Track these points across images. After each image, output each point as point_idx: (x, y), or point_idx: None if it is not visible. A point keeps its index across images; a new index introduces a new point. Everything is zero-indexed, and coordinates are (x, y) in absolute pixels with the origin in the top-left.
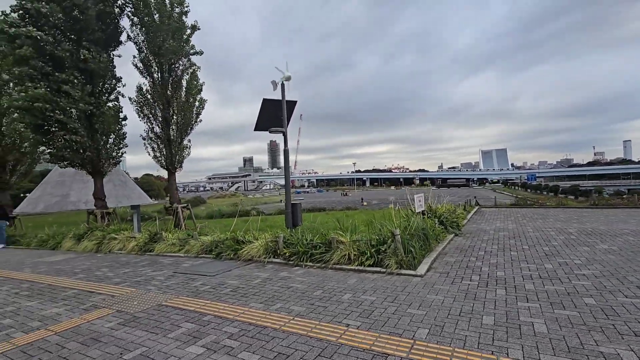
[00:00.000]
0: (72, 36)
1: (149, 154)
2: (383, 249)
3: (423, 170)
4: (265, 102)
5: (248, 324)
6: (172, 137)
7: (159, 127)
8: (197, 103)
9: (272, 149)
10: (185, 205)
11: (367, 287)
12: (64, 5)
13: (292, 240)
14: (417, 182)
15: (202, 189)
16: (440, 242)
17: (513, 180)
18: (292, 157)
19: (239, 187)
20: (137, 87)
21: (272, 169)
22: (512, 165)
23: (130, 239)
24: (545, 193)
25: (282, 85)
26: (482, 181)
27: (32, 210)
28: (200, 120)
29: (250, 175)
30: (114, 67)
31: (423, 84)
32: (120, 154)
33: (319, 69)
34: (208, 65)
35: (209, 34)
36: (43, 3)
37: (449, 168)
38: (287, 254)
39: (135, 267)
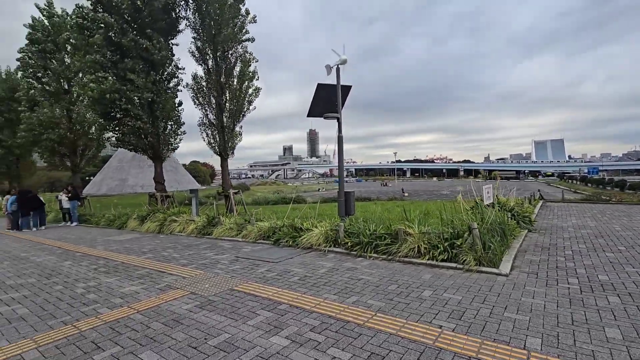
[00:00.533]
0: (135, 26)
1: (204, 140)
2: (458, 244)
3: (468, 161)
4: (320, 87)
5: (327, 316)
6: (225, 124)
7: (212, 114)
8: (250, 90)
9: (311, 138)
10: (237, 191)
11: (446, 284)
12: None
13: (353, 230)
14: (462, 173)
15: (243, 176)
16: (515, 238)
17: (570, 173)
18: (331, 147)
19: (278, 175)
20: (193, 75)
21: (310, 157)
22: (570, 157)
23: (189, 222)
24: (609, 188)
25: (338, 69)
26: (534, 174)
27: (96, 192)
28: (254, 108)
29: (289, 163)
30: (173, 55)
31: (471, 69)
32: (177, 140)
33: (361, 55)
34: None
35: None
36: None
37: (497, 159)
38: (348, 244)
39: (197, 250)
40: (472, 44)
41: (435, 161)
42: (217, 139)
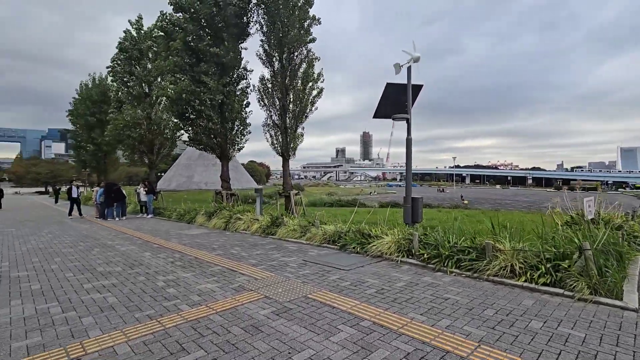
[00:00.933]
0: (210, 31)
1: (267, 140)
2: (565, 266)
3: (538, 169)
4: (389, 86)
5: (420, 341)
6: (288, 125)
7: (276, 116)
8: (314, 92)
9: (365, 140)
10: (297, 192)
11: (557, 314)
12: (209, 2)
13: (429, 240)
14: (530, 181)
15: (296, 177)
16: (630, 262)
17: None
18: (384, 150)
19: (330, 176)
20: (260, 77)
21: (363, 160)
22: None
23: (253, 220)
24: None
25: (409, 67)
26: (621, 185)
27: (166, 187)
28: (316, 109)
29: (341, 165)
30: (242, 58)
31: (543, 68)
32: (243, 141)
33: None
34: (315, 53)
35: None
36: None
37: (573, 168)
38: (424, 256)
39: (264, 250)
40: (545, 42)
41: (500, 167)
42: (280, 140)
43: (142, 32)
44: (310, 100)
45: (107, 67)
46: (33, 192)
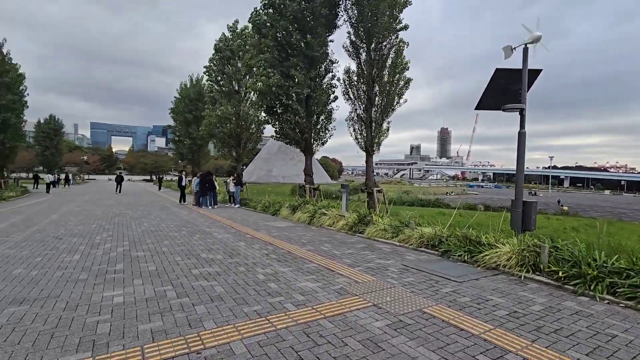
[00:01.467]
0: (297, 25)
1: (351, 135)
2: None
3: None
4: (498, 73)
5: None
6: (373, 119)
7: (361, 109)
8: (401, 82)
9: (443, 137)
10: (380, 189)
11: None
12: None
13: (563, 255)
14: None
15: None
16: None
17: None
18: (464, 147)
19: (404, 174)
20: (345, 69)
21: (440, 158)
22: None
23: (339, 217)
24: None
25: (525, 49)
26: None
27: (248, 180)
28: (405, 101)
29: (416, 163)
30: (328, 52)
31: None
32: (328, 136)
33: (510, 44)
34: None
35: None
36: None
37: None
38: (559, 274)
39: (355, 249)
40: None
41: (610, 170)
42: (364, 134)
43: (235, 32)
44: (397, 92)
45: (204, 67)
46: (141, 180)
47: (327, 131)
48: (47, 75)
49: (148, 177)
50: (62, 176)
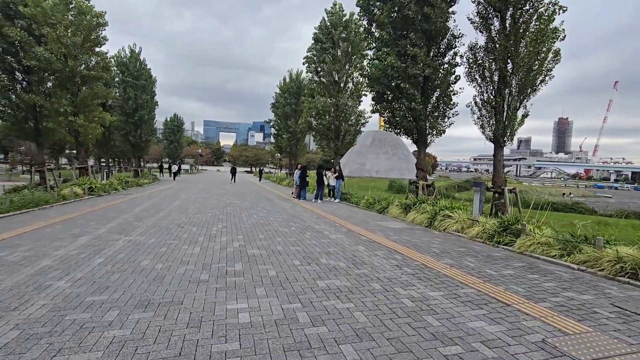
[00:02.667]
0: None
1: (475, 123)
2: None
3: None
4: None
5: None
6: (507, 103)
7: (489, 92)
8: (550, 55)
9: (560, 128)
10: (512, 188)
11: None
12: None
13: None
14: None
15: (464, 169)
16: None
17: None
18: (589, 141)
19: (509, 171)
20: (469, 45)
21: (556, 153)
22: None
23: (471, 222)
24: None
25: None
26: None
27: None
28: (552, 77)
29: (525, 159)
30: (449, 27)
31: None
32: (447, 124)
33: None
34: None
35: None
36: None
37: None
38: None
39: (513, 269)
40: None
41: None
42: (493, 122)
43: (337, 16)
44: (541, 69)
45: (304, 58)
46: (242, 171)
47: (446, 119)
48: (171, 80)
49: (249, 169)
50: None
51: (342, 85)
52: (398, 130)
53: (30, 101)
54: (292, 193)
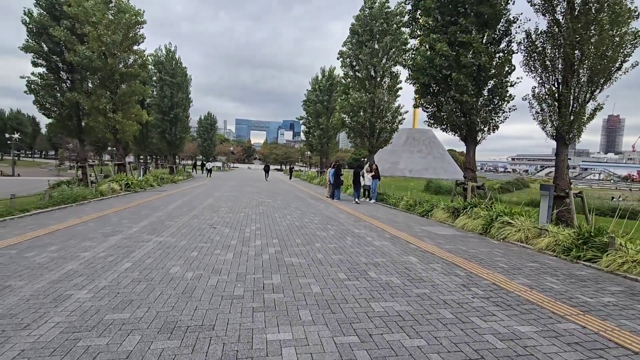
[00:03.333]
0: None
1: (534, 118)
2: None
3: None
4: None
5: None
6: (575, 95)
7: (550, 84)
8: (626, 38)
9: (610, 127)
10: (579, 192)
11: None
12: None
13: None
14: None
15: (501, 169)
16: None
17: None
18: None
19: (550, 172)
20: (526, 33)
21: (605, 153)
22: None
23: (537, 231)
24: None
25: None
26: None
27: None
28: (634, 65)
29: (569, 159)
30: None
31: None
32: (502, 119)
33: None
34: None
35: None
36: None
37: None
38: None
39: (609, 294)
40: None
41: None
42: (556, 116)
43: (376, 10)
44: (616, 55)
45: (338, 52)
46: (273, 169)
47: (500, 113)
48: (207, 81)
49: (278, 167)
50: (210, 165)
51: (378, 79)
52: (444, 127)
53: (72, 99)
54: (326, 193)
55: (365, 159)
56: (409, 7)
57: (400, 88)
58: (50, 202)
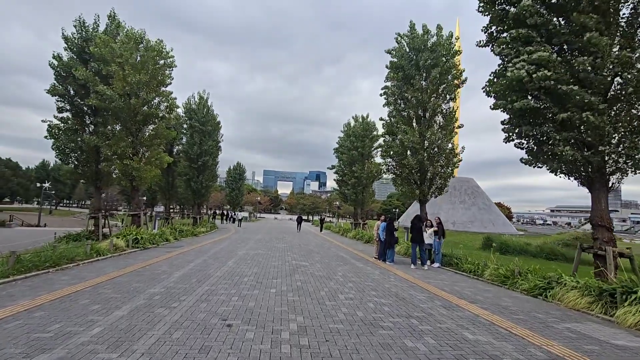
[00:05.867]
0: None
1: None
2: None
3: None
4: None
5: None
6: None
7: None
8: None
9: None
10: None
11: None
12: None
13: None
14: None
15: (540, 222)
16: None
17: None
18: None
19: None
20: None
21: None
22: None
23: None
24: None
25: None
26: None
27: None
28: None
29: (617, 211)
30: None
31: None
32: None
33: None
34: None
35: None
36: None
37: None
38: None
39: None
40: None
41: None
42: None
43: (418, 42)
44: None
45: (382, 89)
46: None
47: None
48: (239, 135)
49: (305, 217)
50: (240, 215)
51: (427, 117)
52: (554, 166)
53: (90, 142)
54: (374, 252)
55: (396, 210)
56: (487, 17)
57: (460, 126)
58: (17, 267)
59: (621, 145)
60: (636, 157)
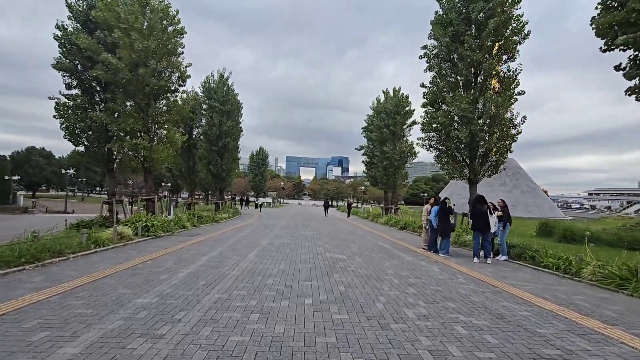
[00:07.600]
0: None
1: None
2: None
3: None
4: None
5: None
6: None
7: None
8: None
9: None
10: None
11: None
12: None
13: None
14: None
15: (577, 205)
16: None
17: None
18: None
19: (639, 209)
20: None
21: None
22: None
23: None
24: None
25: None
26: None
27: None
28: None
29: None
30: None
31: None
32: None
33: None
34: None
35: None
36: None
37: None
38: None
39: None
40: None
41: None
42: None
43: None
44: None
45: (422, 47)
46: (321, 205)
47: None
48: (261, 122)
49: (330, 202)
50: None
51: (479, 81)
52: None
53: (98, 120)
54: (421, 242)
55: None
56: None
57: (521, 92)
58: None
59: None
60: None
